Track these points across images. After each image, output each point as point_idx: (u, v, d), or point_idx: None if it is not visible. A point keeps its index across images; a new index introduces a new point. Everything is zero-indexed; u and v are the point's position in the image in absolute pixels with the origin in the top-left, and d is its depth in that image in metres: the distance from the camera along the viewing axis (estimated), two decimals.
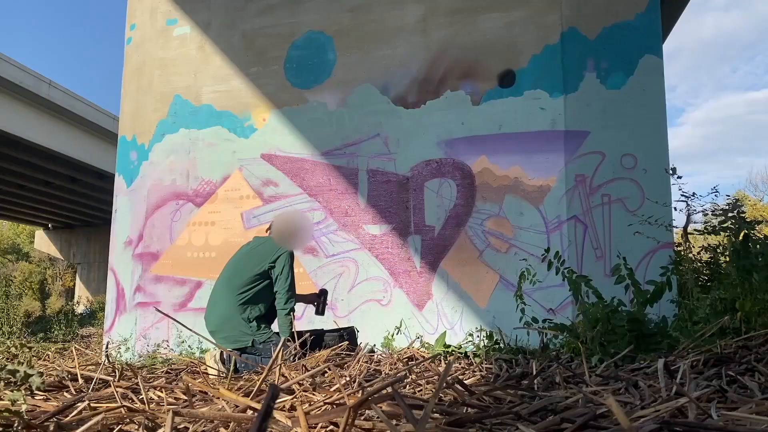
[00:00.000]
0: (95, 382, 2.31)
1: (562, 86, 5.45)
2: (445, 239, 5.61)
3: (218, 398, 1.82)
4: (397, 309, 5.58)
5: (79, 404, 1.66)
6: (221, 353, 3.60)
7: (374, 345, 4.96)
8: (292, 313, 3.87)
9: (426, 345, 4.50)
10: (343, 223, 5.88)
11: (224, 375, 2.90)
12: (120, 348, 5.92)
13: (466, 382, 2.14)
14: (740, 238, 3.01)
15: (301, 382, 1.98)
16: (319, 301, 4.38)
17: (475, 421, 1.35)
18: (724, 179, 59.68)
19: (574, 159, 5.38)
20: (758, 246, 2.94)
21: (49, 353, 4.44)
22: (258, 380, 1.91)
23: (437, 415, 1.42)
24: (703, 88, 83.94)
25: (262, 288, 3.89)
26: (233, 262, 4.11)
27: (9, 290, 11.31)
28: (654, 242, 4.80)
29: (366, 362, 3.12)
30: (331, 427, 1.38)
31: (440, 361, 3.50)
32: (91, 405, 1.67)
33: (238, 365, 3.52)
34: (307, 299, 4.40)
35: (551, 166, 5.40)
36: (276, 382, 1.98)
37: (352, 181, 5.91)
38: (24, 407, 1.40)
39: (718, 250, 4.40)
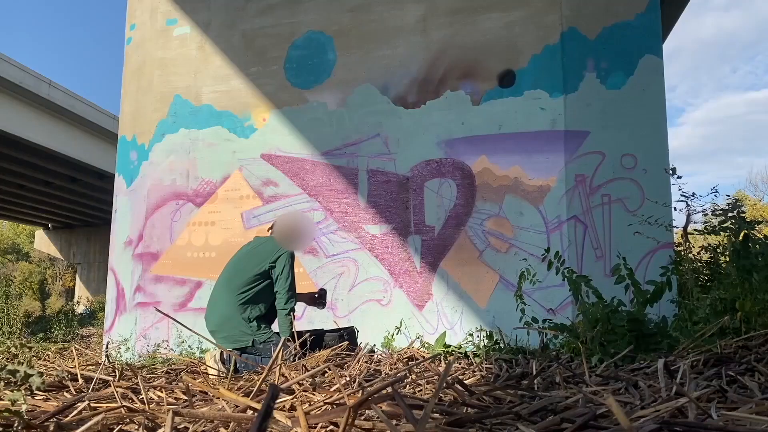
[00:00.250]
0: (95, 382, 2.31)
1: (562, 86, 5.45)
2: (445, 239, 5.61)
3: (218, 398, 1.82)
4: (397, 309, 5.58)
5: (79, 404, 1.66)
6: (221, 353, 3.60)
7: (374, 345, 4.96)
8: (292, 314, 3.87)
9: (426, 345, 4.50)
10: (343, 223, 5.88)
11: (224, 375, 2.90)
12: (120, 348, 5.92)
13: (466, 382, 2.14)
14: (740, 238, 3.01)
15: (301, 382, 1.98)
16: (317, 297, 4.37)
17: (475, 421, 1.35)
18: (724, 179, 59.77)
19: (574, 159, 5.38)
20: (758, 246, 2.94)
21: (49, 353, 4.44)
22: (258, 380, 1.92)
23: (437, 415, 1.42)
24: (703, 88, 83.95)
25: (262, 288, 3.89)
26: (234, 261, 4.11)
27: (9, 290, 11.31)
28: (654, 242, 4.80)
29: (366, 362, 3.12)
30: (331, 427, 1.38)
31: (440, 361, 3.50)
32: (91, 405, 1.67)
33: (238, 365, 3.52)
34: (306, 299, 4.40)
35: (551, 166, 5.40)
36: (276, 382, 1.98)
37: (352, 181, 5.91)
38: (24, 407, 1.40)
39: (718, 250, 4.40)
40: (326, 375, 2.52)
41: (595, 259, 5.23)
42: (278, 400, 1.65)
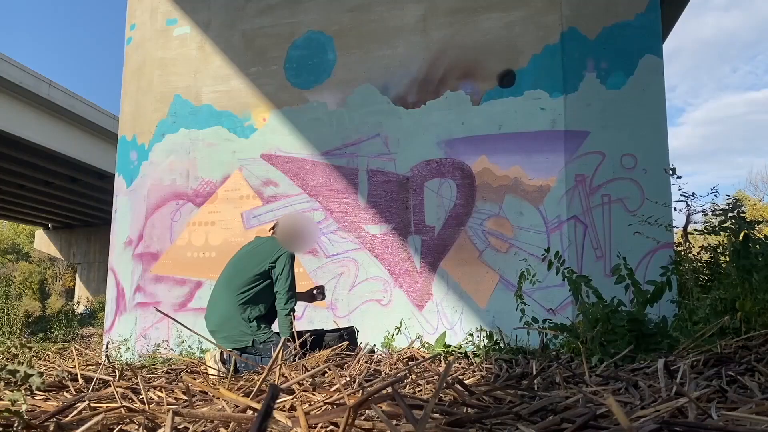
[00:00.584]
0: (95, 382, 2.31)
1: (562, 86, 5.45)
2: (445, 239, 5.61)
3: (218, 398, 1.82)
4: (397, 309, 5.58)
5: (79, 404, 1.66)
6: (221, 353, 3.60)
7: (374, 345, 4.96)
8: (292, 314, 3.87)
9: (426, 345, 4.50)
10: (343, 223, 5.88)
11: (224, 375, 2.90)
12: (120, 348, 5.92)
13: (466, 382, 2.14)
14: (740, 238, 3.01)
15: (301, 382, 1.98)
16: (318, 291, 4.37)
17: (475, 421, 1.35)
18: (724, 179, 59.73)
19: (574, 159, 5.38)
20: (758, 246, 2.94)
21: (49, 353, 4.44)
22: (258, 380, 1.92)
23: (437, 415, 1.42)
24: (703, 88, 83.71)
25: (262, 288, 3.89)
26: (234, 261, 4.11)
27: (9, 290, 11.30)
28: (654, 242, 4.80)
29: (366, 362, 3.12)
30: (331, 427, 1.38)
31: (440, 361, 3.50)
32: (91, 405, 1.67)
33: (238, 365, 3.52)
34: (306, 297, 4.39)
35: (551, 166, 5.40)
36: (276, 382, 1.98)
37: (352, 181, 5.91)
38: (24, 407, 1.40)
39: (718, 250, 4.40)
40: (326, 375, 2.52)
41: (595, 259, 5.23)
42: (278, 400, 1.65)
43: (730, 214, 3.12)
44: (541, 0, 5.62)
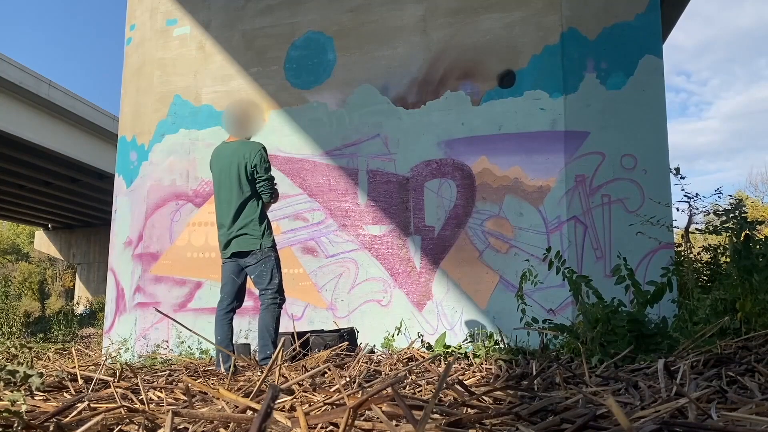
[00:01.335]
0: (95, 383, 2.31)
1: (562, 86, 5.45)
2: (445, 239, 5.61)
3: (218, 399, 1.82)
4: (397, 309, 5.58)
5: (78, 405, 1.66)
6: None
7: (374, 345, 4.97)
8: (272, 197, 4.08)
9: (426, 345, 4.50)
10: (343, 223, 5.88)
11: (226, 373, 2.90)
12: (120, 349, 5.92)
13: (466, 382, 2.14)
14: (741, 238, 3.01)
15: (300, 382, 1.98)
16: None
17: (474, 421, 1.35)
18: (745, 177, 57.27)
19: (574, 159, 5.38)
20: (759, 246, 2.94)
21: (49, 354, 4.44)
22: (258, 381, 1.91)
23: (437, 415, 1.42)
24: (737, 82, 78.76)
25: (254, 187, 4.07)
26: (222, 179, 4.14)
27: (8, 290, 11.29)
28: (654, 242, 4.80)
29: (366, 363, 3.12)
30: (331, 427, 1.38)
31: (440, 361, 3.50)
32: (91, 405, 1.67)
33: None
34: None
35: (551, 167, 5.40)
36: (276, 382, 1.98)
37: (352, 182, 5.91)
38: (24, 408, 1.40)
39: (719, 251, 4.41)
40: (326, 375, 2.52)
41: (595, 260, 5.23)
42: (278, 401, 1.65)
43: (731, 215, 3.12)
44: (541, 0, 5.61)
